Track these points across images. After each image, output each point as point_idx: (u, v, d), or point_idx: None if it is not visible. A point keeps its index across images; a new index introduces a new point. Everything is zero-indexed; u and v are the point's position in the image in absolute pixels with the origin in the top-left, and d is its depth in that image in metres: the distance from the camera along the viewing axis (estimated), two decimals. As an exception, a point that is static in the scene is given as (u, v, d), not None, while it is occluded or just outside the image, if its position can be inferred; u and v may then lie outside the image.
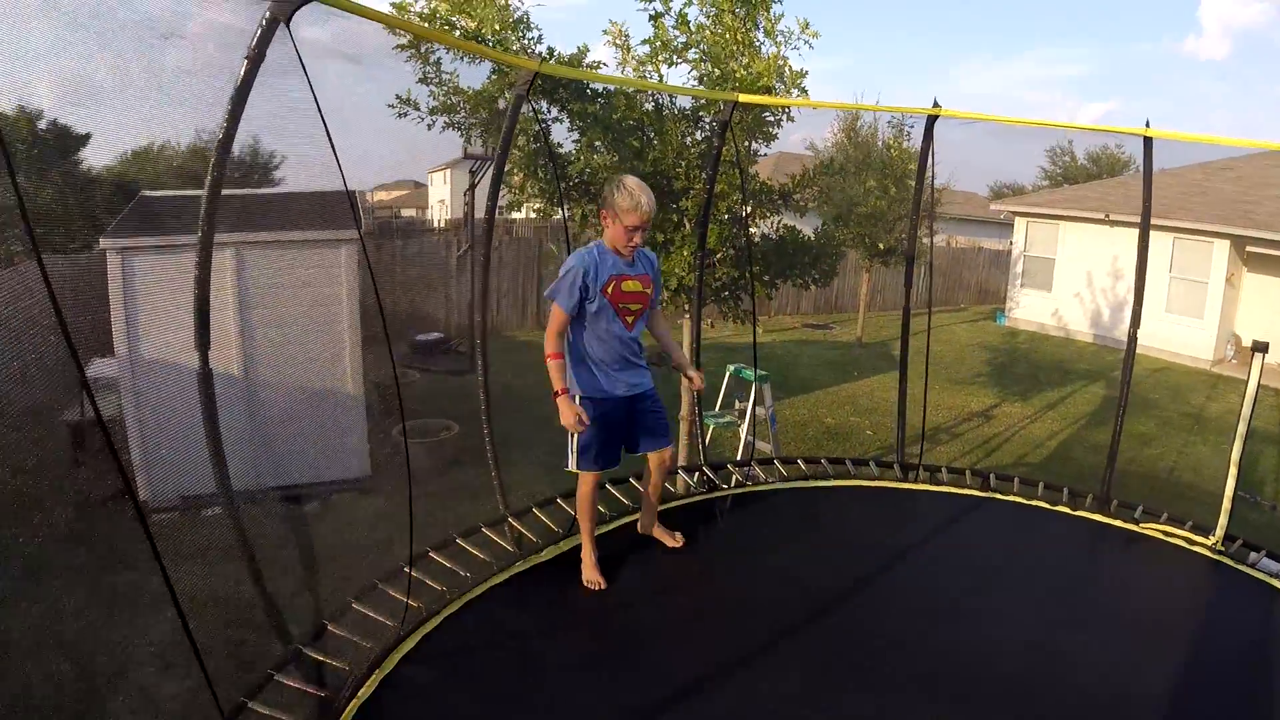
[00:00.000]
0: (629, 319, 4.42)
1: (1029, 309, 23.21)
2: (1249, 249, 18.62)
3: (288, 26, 3.30)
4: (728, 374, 9.64)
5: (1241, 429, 5.69)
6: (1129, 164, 36.74)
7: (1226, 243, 18.77)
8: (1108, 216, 20.21)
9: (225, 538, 3.87)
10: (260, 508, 7.13)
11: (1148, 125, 6.23)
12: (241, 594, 4.34)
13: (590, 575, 4.60)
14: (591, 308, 4.29)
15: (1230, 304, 19.41)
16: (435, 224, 27.18)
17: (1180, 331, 19.37)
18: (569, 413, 4.24)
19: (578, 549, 4.79)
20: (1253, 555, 5.62)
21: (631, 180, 4.32)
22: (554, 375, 4.26)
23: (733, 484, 6.34)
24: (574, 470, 4.52)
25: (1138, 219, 6.71)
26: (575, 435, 4.37)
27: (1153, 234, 21.12)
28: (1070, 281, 21.89)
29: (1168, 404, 14.76)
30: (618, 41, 7.60)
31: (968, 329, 22.62)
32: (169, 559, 3.05)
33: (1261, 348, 5.55)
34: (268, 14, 3.29)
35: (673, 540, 5.01)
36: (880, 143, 18.79)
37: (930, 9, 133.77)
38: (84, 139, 13.60)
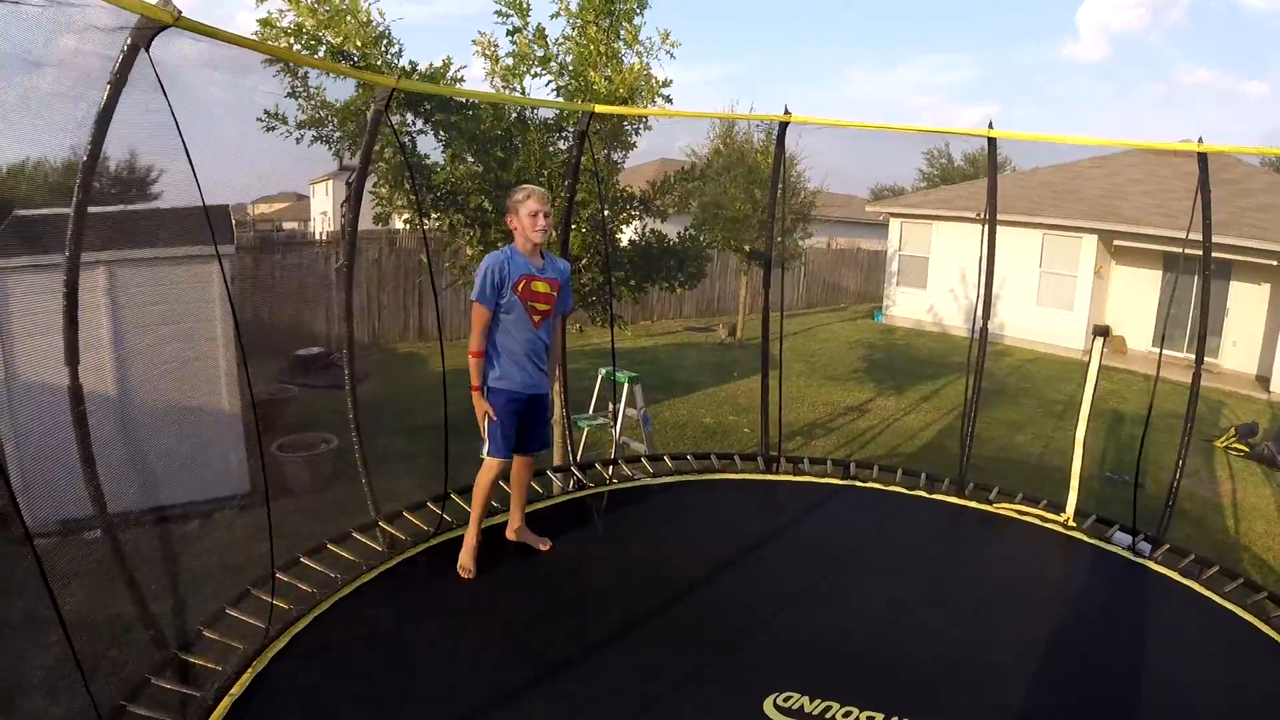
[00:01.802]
0: (536, 318, 4.76)
1: (905, 306, 23.84)
2: (1116, 243, 19.42)
3: (148, 52, 3.40)
4: (600, 376, 9.78)
5: (1085, 410, 6.10)
6: (1004, 164, 37.95)
7: (1094, 237, 19.51)
8: (979, 215, 20.80)
9: (106, 559, 3.96)
10: (140, 529, 7.05)
11: (990, 126, 6.62)
12: (124, 614, 4.42)
13: (466, 561, 4.80)
14: (504, 302, 4.64)
15: (1100, 296, 20.22)
16: (316, 236, 26.76)
17: (1052, 323, 20.13)
18: (479, 407, 4.71)
19: (448, 544, 4.96)
20: (1109, 530, 6.03)
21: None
22: (473, 371, 4.69)
23: (604, 482, 6.53)
24: (486, 456, 4.79)
25: (1010, 216, 7.07)
26: (488, 422, 4.72)
27: (1023, 230, 21.48)
28: (944, 278, 22.43)
29: (1039, 392, 15.16)
30: (487, 52, 7.73)
31: (846, 327, 23.21)
32: (54, 582, 3.15)
33: (1102, 331, 6.00)
34: (129, 40, 3.39)
35: (542, 545, 5.21)
36: (754, 149, 19.18)
37: (819, 16, 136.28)
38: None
